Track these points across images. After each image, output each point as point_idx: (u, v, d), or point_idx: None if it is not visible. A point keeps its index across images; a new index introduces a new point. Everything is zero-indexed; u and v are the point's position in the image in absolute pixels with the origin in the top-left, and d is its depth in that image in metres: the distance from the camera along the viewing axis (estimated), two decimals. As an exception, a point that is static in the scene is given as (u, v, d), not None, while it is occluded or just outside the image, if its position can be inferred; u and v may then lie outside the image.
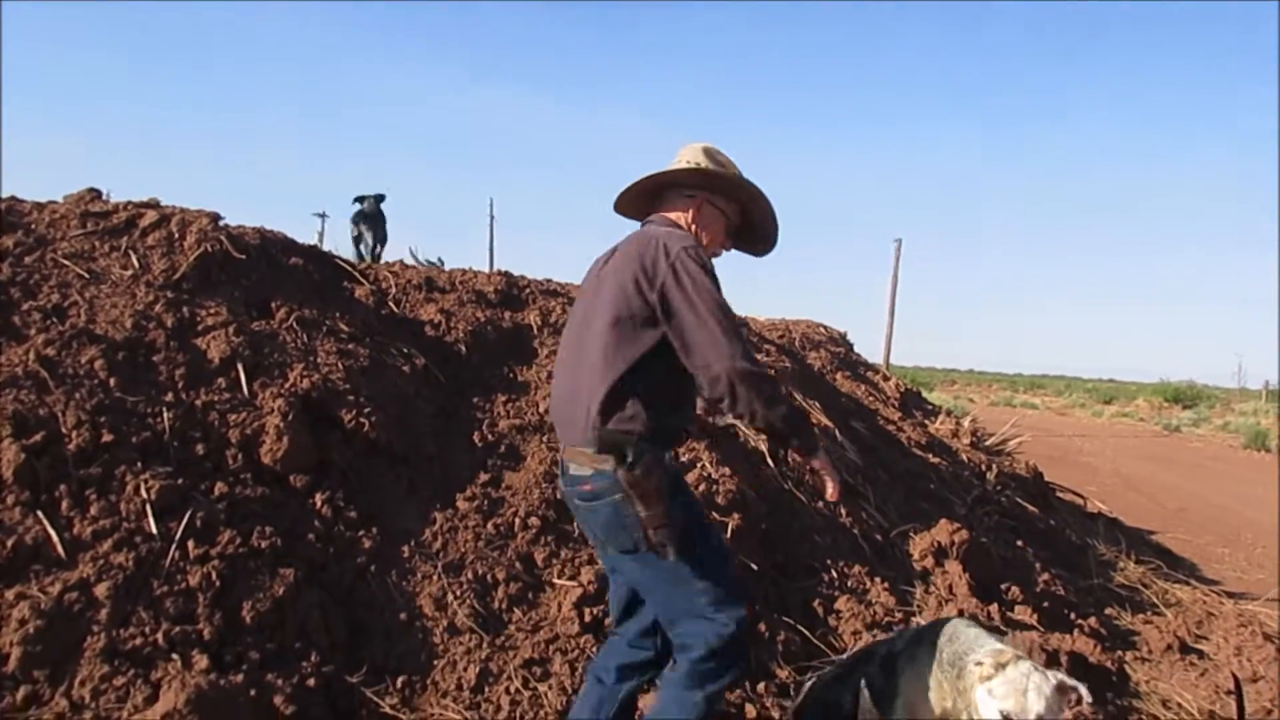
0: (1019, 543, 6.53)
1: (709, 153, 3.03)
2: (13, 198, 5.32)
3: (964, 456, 8.36)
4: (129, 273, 4.76)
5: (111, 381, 4.04)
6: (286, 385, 4.43)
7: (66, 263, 4.68)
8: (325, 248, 6.20)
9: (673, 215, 3.04)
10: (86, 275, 4.64)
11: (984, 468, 8.11)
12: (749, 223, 3.17)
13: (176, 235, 5.08)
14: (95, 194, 5.44)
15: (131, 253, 4.92)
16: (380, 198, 8.02)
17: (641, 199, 3.14)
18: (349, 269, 5.97)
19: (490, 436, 5.03)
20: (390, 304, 5.86)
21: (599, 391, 2.74)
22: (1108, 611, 5.94)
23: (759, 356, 7.28)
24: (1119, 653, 5.09)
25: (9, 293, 4.38)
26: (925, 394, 14.14)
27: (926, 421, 9.41)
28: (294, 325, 4.93)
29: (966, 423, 9.70)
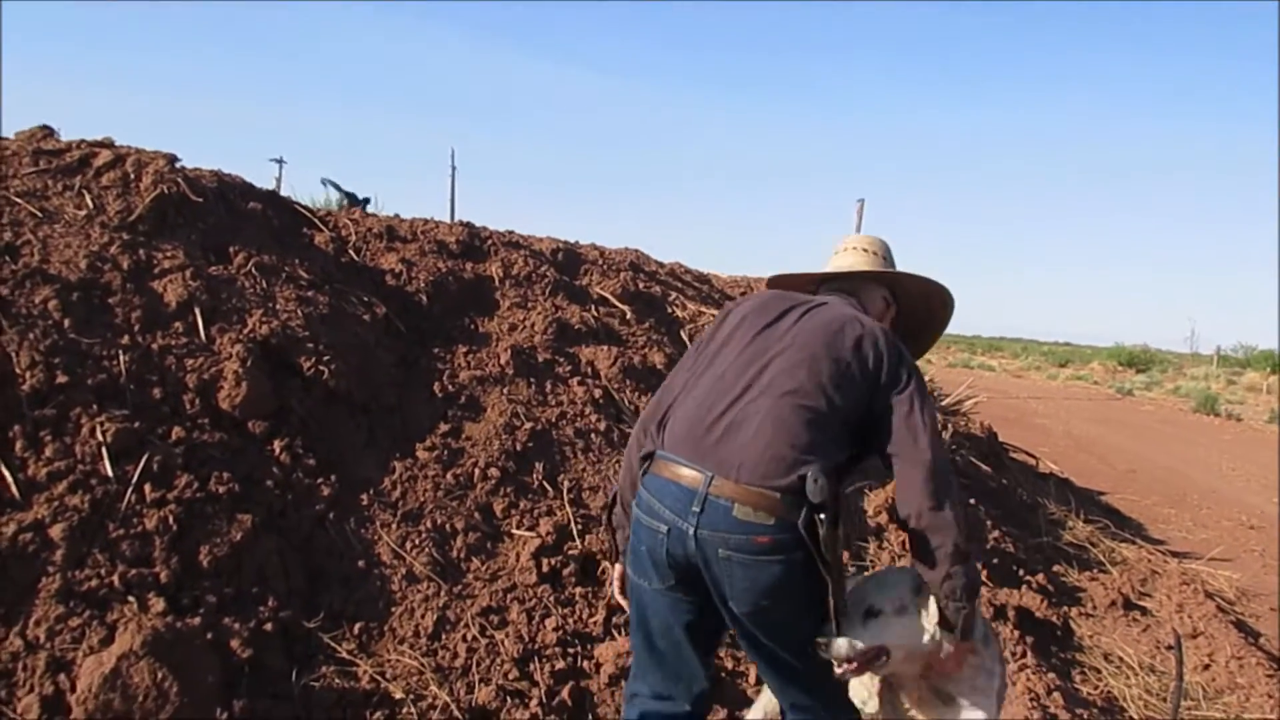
0: (971, 501, 6.61)
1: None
2: (-38, 133, 5.20)
3: (920, 415, 8.44)
4: (83, 213, 4.68)
5: (66, 323, 3.98)
6: (245, 331, 4.39)
7: (19, 201, 4.58)
8: (283, 194, 6.12)
9: (874, 311, 2.85)
10: (39, 214, 4.56)
11: (939, 427, 8.19)
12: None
13: (132, 176, 4.99)
14: (48, 131, 5.33)
15: (85, 193, 4.83)
16: (366, 201, 7.85)
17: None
18: (308, 215, 5.90)
19: (450, 387, 5.02)
20: (350, 252, 5.81)
21: (818, 438, 2.42)
22: (1055, 568, 6.06)
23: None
24: (1065, 608, 5.21)
25: (-40, 231, 4.29)
26: (884, 354, 14.21)
27: (884, 380, 9.48)
28: (252, 271, 4.88)
29: (923, 382, 9.78)
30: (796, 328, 2.58)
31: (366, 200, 7.74)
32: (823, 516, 2.33)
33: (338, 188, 7.78)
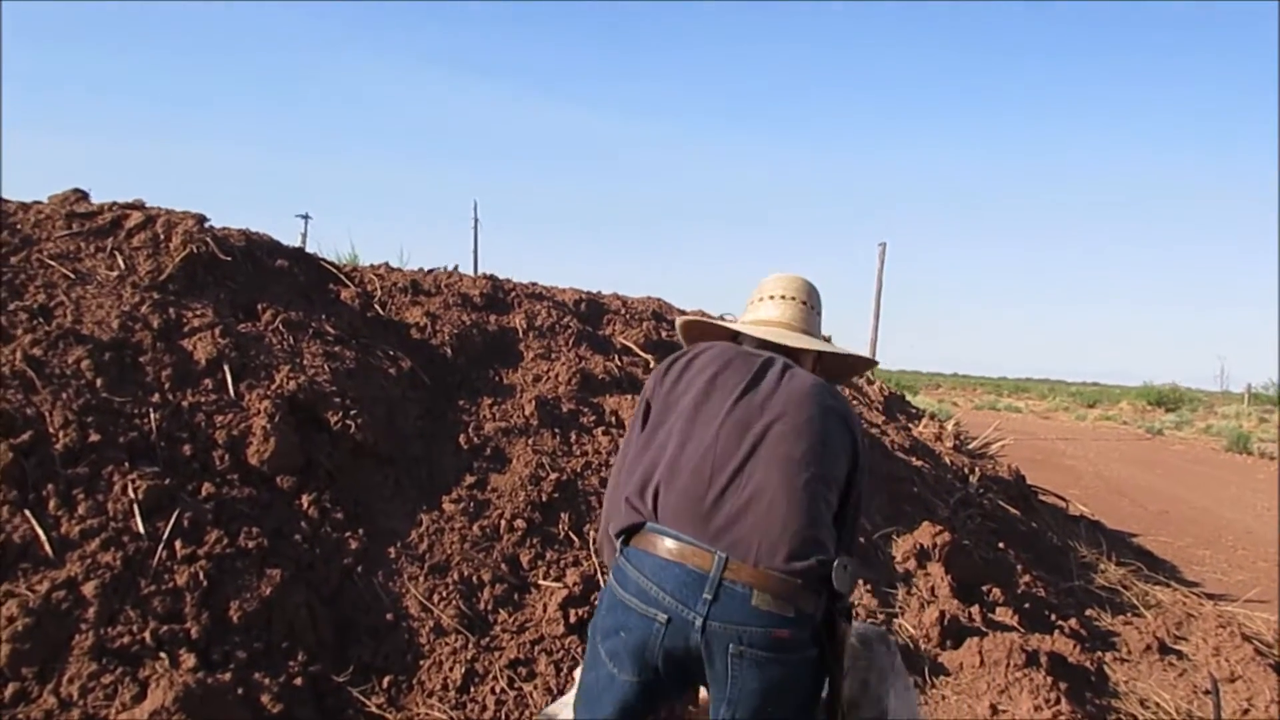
0: (1001, 545, 6.57)
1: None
2: (-3, 197, 5.31)
3: (947, 459, 8.42)
4: (115, 274, 4.77)
5: (98, 382, 4.05)
6: (273, 387, 4.44)
7: (52, 263, 4.68)
8: (309, 249, 6.21)
9: (806, 366, 2.70)
10: (72, 276, 4.65)
11: (967, 470, 8.16)
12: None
13: (162, 236, 5.08)
14: (80, 194, 5.45)
15: (117, 254, 4.92)
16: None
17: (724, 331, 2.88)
18: (334, 271, 5.98)
19: (476, 439, 5.05)
20: (376, 306, 5.87)
21: (825, 519, 2.28)
22: (1088, 612, 6.00)
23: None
24: (1099, 653, 5.14)
25: (-5, 293, 4.38)
26: (910, 397, 14.21)
27: (910, 425, 9.46)
28: (280, 327, 4.94)
29: (950, 426, 9.76)
30: (782, 392, 2.40)
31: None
32: (842, 606, 2.23)
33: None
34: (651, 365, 6.48)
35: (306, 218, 40.11)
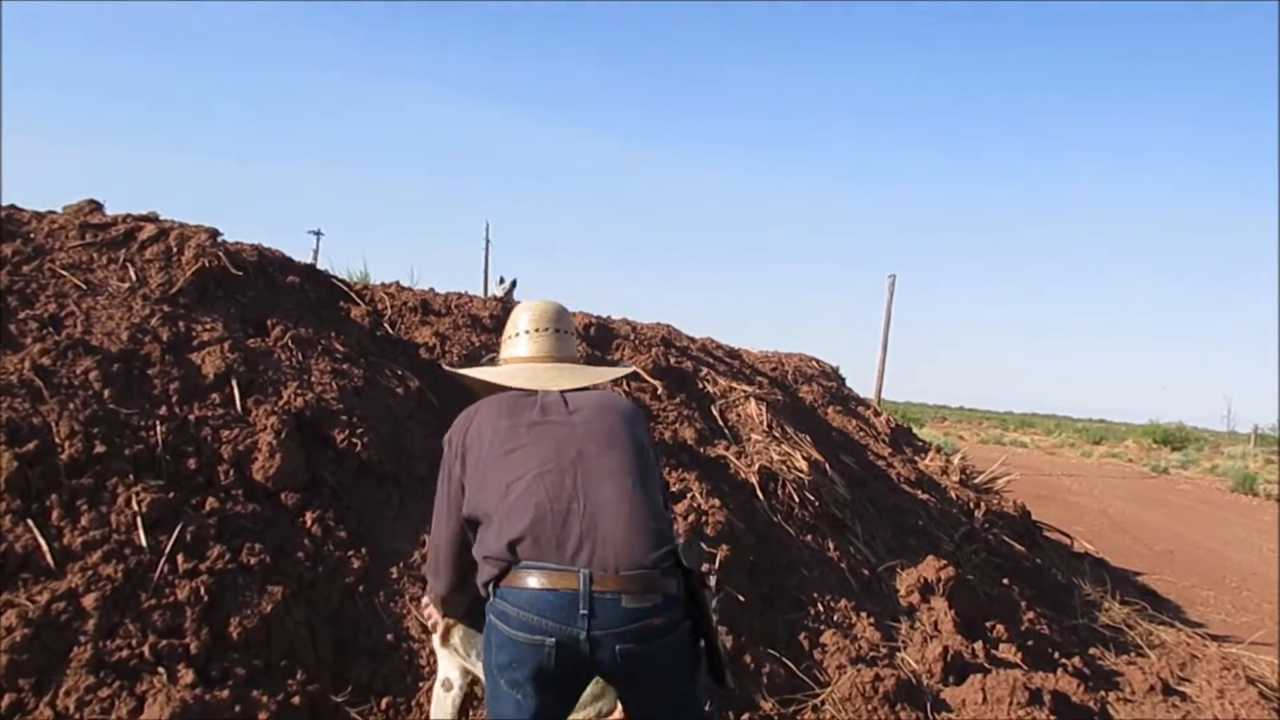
0: (1005, 580, 6.54)
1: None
2: (12, 206, 5.33)
3: (952, 494, 8.39)
4: (126, 285, 4.78)
5: (106, 393, 4.05)
6: (280, 403, 4.44)
7: (64, 273, 4.69)
8: (320, 266, 6.22)
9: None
10: (84, 286, 4.66)
11: (972, 505, 8.13)
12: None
13: (174, 249, 5.09)
14: (94, 205, 5.46)
15: (129, 265, 4.93)
16: (514, 282, 8.99)
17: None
18: (345, 289, 5.98)
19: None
20: (386, 325, 5.88)
21: (661, 509, 2.59)
22: (1091, 651, 5.95)
23: (751, 385, 7.34)
24: (1102, 693, 5.10)
25: (6, 301, 4.38)
26: (916, 430, 14.18)
27: (916, 458, 9.44)
28: (289, 343, 4.94)
29: (956, 460, 9.73)
30: (579, 414, 2.70)
31: (515, 282, 8.58)
32: (704, 578, 2.52)
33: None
34: (659, 391, 6.48)
35: (319, 234, 40.31)
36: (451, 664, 3.19)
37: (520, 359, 3.03)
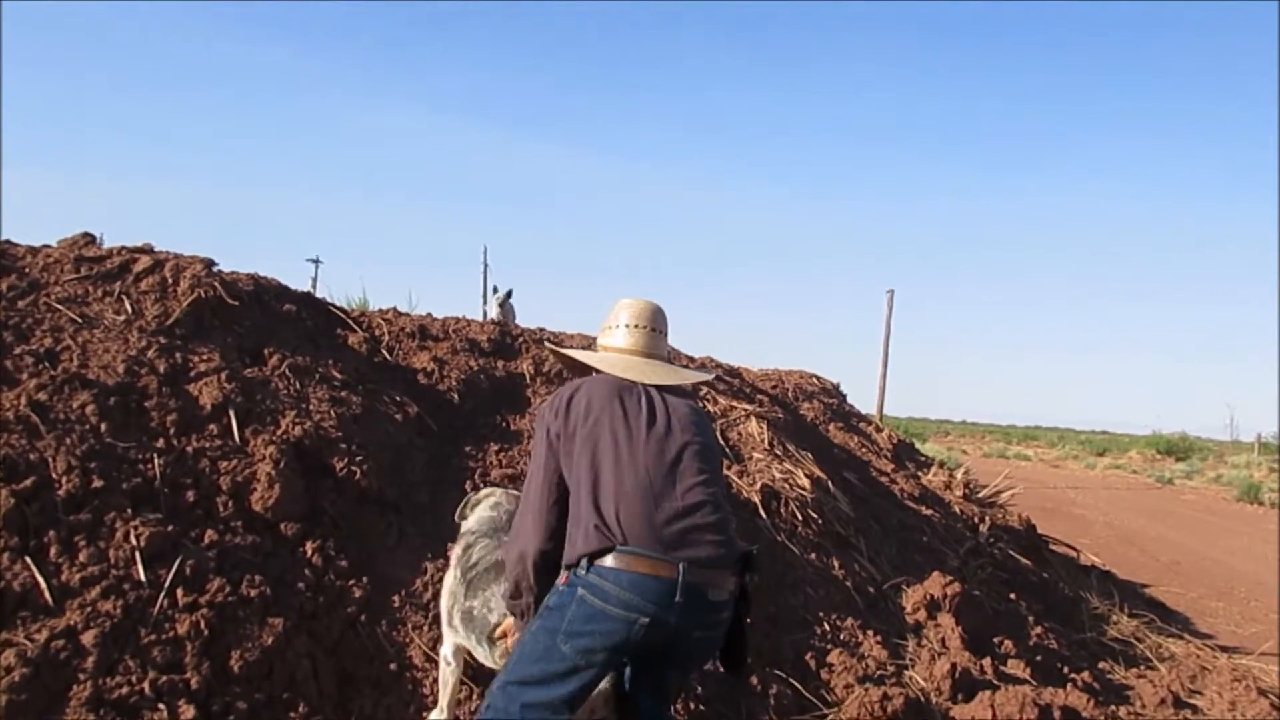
0: (1012, 595, 6.50)
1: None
2: (6, 241, 5.32)
3: (957, 509, 8.35)
4: (122, 318, 4.76)
5: (103, 427, 4.03)
6: (278, 432, 4.42)
7: (60, 307, 4.67)
8: (319, 294, 6.21)
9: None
10: (79, 320, 4.64)
11: (977, 520, 8.09)
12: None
13: (170, 281, 5.08)
14: (89, 238, 5.45)
15: (125, 298, 4.92)
16: (510, 292, 9.50)
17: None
18: (342, 316, 5.97)
19: (483, 485, 5.01)
20: (384, 351, 5.86)
21: (730, 514, 2.97)
22: (1101, 665, 5.91)
23: (750, 407, 7.31)
24: (1112, 707, 5.06)
25: (1, 336, 4.36)
26: (918, 445, 14.13)
27: (920, 473, 9.40)
28: (286, 372, 4.93)
29: (959, 475, 9.68)
30: (673, 419, 2.99)
31: (510, 291, 8.67)
32: (750, 578, 2.90)
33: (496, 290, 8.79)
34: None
35: (317, 262, 40.25)
36: (449, 643, 3.56)
37: (618, 349, 3.25)
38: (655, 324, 3.28)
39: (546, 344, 3.67)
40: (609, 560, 2.69)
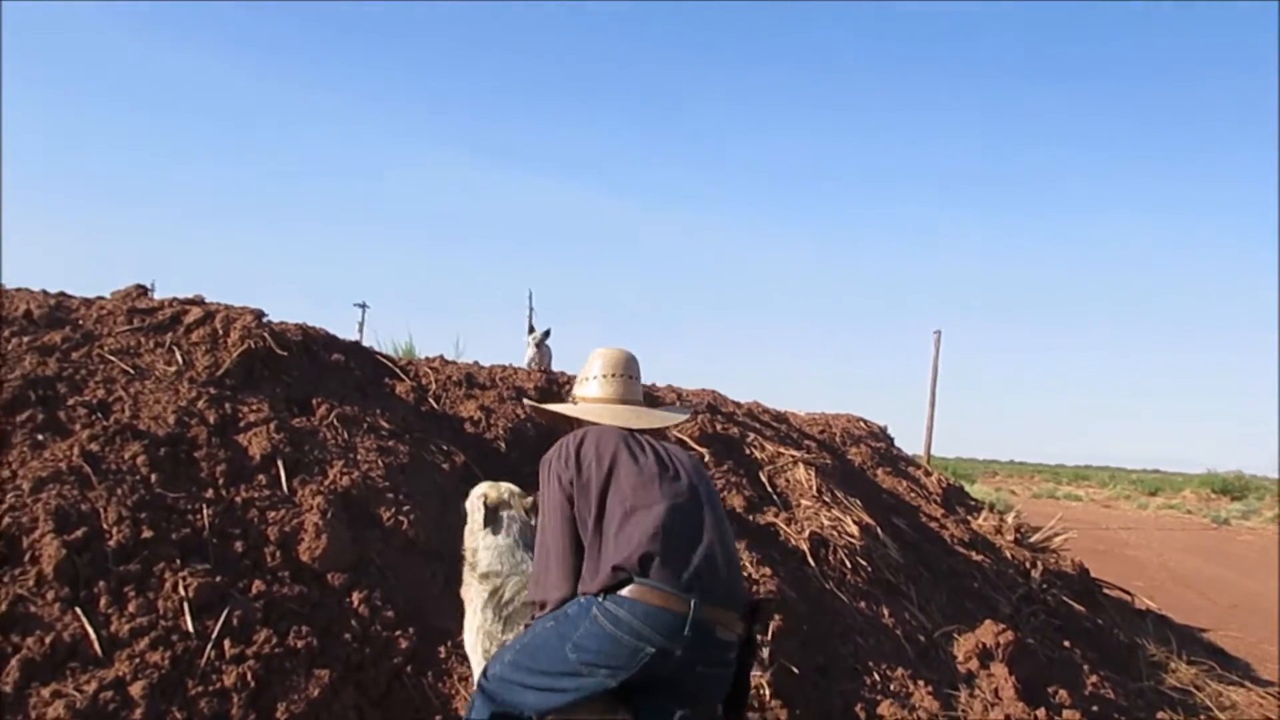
0: (1066, 643, 6.38)
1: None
2: (61, 294, 5.43)
3: (1008, 554, 8.22)
4: (173, 369, 4.83)
5: (153, 478, 4.07)
6: (326, 482, 4.44)
7: (113, 359, 4.75)
8: (366, 338, 6.27)
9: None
10: (131, 371, 4.71)
11: (1029, 565, 7.96)
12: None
13: (220, 332, 5.15)
14: (141, 290, 5.55)
15: (176, 349, 4.99)
16: (547, 332, 9.17)
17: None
18: (390, 365, 6.01)
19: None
20: (430, 400, 5.89)
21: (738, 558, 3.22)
22: (1159, 716, 5.78)
23: (796, 453, 7.26)
24: (1173, 761, 4.94)
25: (56, 388, 4.44)
26: (967, 486, 13.97)
27: (969, 518, 9.27)
28: (334, 422, 4.96)
29: (1010, 519, 9.54)
30: (678, 465, 3.15)
31: (548, 331, 8.61)
32: (763, 630, 3.17)
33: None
34: (707, 459, 6.42)
35: (364, 306, 40.49)
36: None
37: (595, 399, 3.46)
38: (628, 370, 3.51)
39: (525, 401, 3.81)
40: (626, 590, 2.81)
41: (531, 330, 7.91)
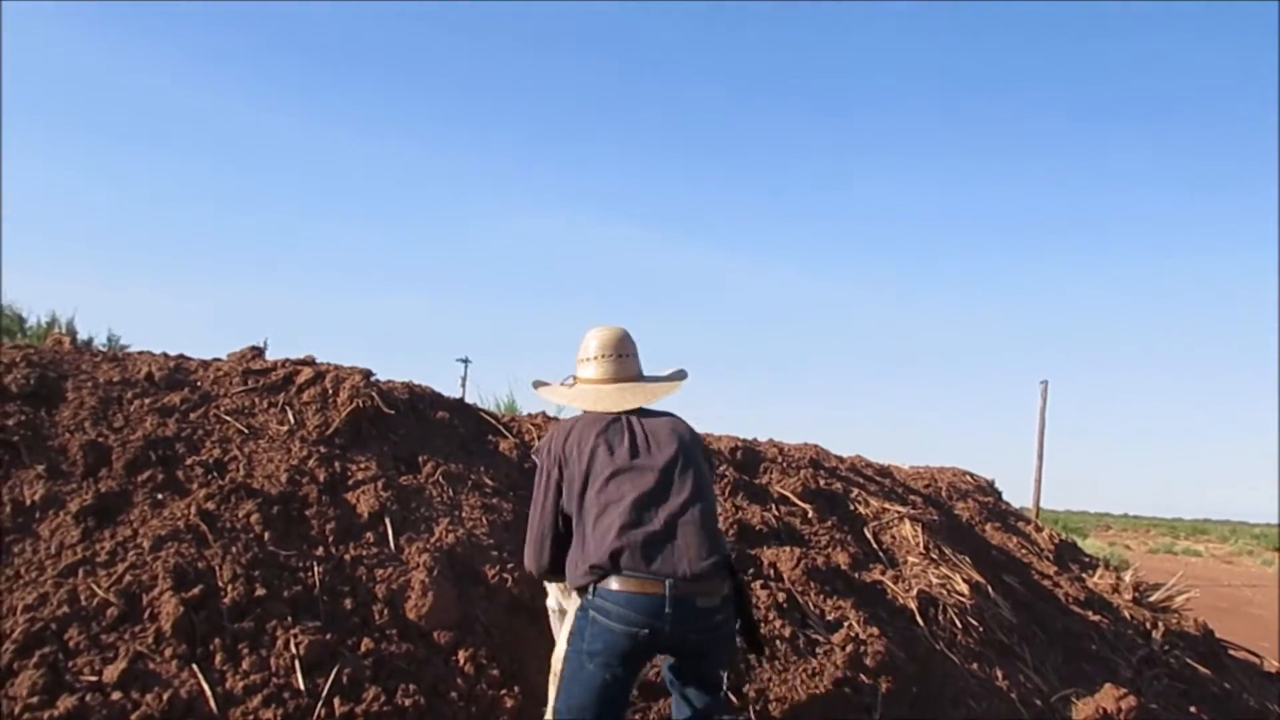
0: (1191, 708, 6.12)
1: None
2: (181, 356, 5.62)
3: (1126, 613, 7.93)
4: (285, 428, 4.95)
5: (266, 535, 4.16)
6: (432, 540, 4.49)
7: (228, 419, 4.88)
8: (469, 393, 6.34)
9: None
10: (246, 430, 4.83)
11: (1149, 625, 7.67)
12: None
13: (330, 391, 5.27)
14: (256, 351, 5.71)
15: (288, 408, 5.11)
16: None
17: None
18: (493, 422, 6.08)
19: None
20: (534, 457, 5.92)
21: (717, 524, 3.48)
22: (1295, 788, 5.48)
23: (900, 508, 7.14)
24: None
25: (175, 448, 4.58)
26: (1079, 541, 13.55)
27: (1084, 575, 8.98)
28: (440, 479, 5.02)
29: (1128, 576, 9.21)
30: (652, 442, 3.49)
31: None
32: (742, 579, 3.50)
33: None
34: (810, 515, 6.34)
35: (466, 361, 41.10)
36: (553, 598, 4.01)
37: (589, 380, 3.76)
38: (621, 349, 3.78)
39: (532, 383, 4.06)
40: (610, 583, 3.21)
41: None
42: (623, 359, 3.77)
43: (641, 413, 3.64)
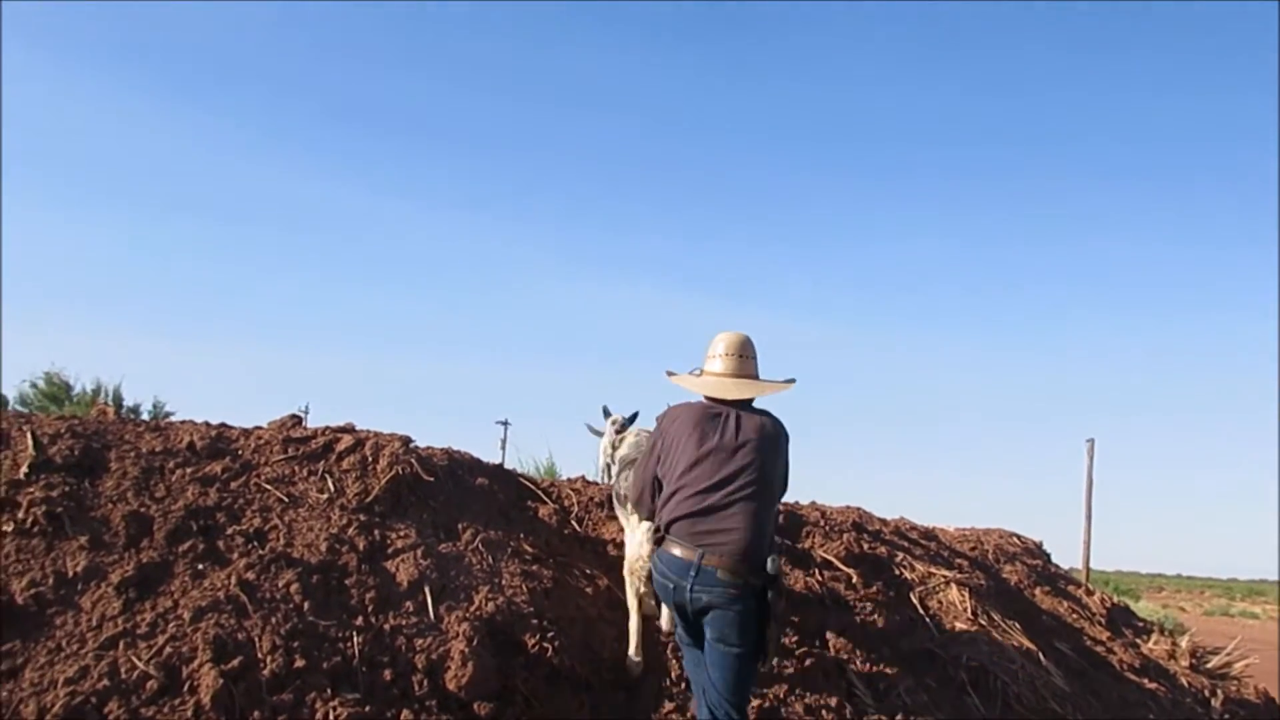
0: (1255, 781, 5.90)
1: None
2: (223, 425, 5.65)
3: (1184, 681, 7.71)
4: (325, 496, 4.94)
5: (305, 605, 4.14)
6: (471, 609, 4.44)
7: (269, 487, 4.89)
8: (508, 456, 6.32)
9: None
10: (286, 499, 4.83)
11: (1208, 694, 7.44)
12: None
13: (370, 459, 5.27)
14: (296, 420, 5.74)
15: (328, 476, 5.11)
16: (634, 415, 8.66)
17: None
18: (532, 488, 6.05)
19: (677, 664, 4.90)
20: (573, 523, 5.88)
21: (766, 531, 3.93)
22: None
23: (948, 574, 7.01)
24: None
25: (215, 517, 4.58)
26: (1131, 604, 13.23)
27: (1138, 640, 8.75)
28: (479, 547, 4.99)
29: (1184, 642, 8.97)
30: (740, 438, 4.01)
31: (635, 415, 8.10)
32: (777, 585, 3.87)
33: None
34: (854, 580, 6.22)
35: (506, 424, 41.14)
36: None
37: (711, 373, 4.33)
38: (741, 350, 4.34)
39: (666, 371, 4.54)
40: (666, 545, 3.95)
41: (606, 414, 6.85)
42: (742, 359, 4.32)
43: (746, 407, 4.19)
